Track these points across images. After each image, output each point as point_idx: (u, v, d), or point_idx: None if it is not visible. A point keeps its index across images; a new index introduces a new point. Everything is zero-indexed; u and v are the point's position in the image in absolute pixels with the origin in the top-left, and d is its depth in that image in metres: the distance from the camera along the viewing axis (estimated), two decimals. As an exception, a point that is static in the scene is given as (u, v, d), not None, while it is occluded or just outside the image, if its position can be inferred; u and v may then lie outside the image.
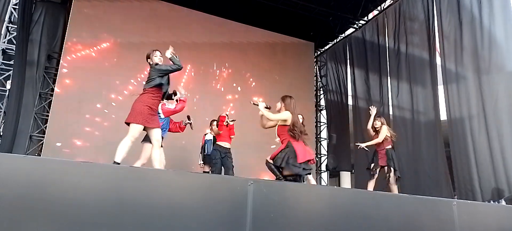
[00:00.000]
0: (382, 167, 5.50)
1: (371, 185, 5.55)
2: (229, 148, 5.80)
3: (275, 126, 3.97)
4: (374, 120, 5.70)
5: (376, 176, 5.53)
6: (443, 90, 6.81)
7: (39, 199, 1.98)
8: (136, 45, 8.07)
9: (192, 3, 8.87)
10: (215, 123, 5.92)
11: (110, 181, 2.19)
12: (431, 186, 6.64)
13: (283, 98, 4.02)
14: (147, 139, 4.49)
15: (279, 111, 3.99)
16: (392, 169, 5.36)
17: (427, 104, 7.09)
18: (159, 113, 4.57)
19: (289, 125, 3.82)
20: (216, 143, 5.76)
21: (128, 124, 3.70)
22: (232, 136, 5.88)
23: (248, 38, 9.45)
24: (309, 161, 3.77)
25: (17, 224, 1.91)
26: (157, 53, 3.98)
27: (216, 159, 5.61)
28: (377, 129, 5.60)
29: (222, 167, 5.68)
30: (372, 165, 5.58)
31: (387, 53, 8.27)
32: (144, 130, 3.83)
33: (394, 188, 5.47)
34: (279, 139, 3.93)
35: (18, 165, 2.05)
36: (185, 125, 5.21)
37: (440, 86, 6.93)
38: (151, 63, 3.96)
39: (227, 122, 5.86)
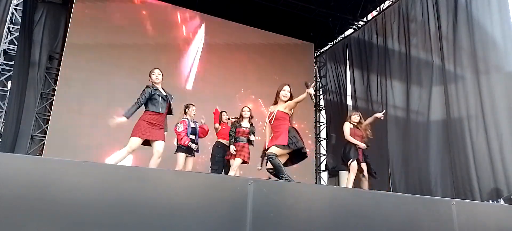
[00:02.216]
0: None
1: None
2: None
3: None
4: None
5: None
6: (442, 90, 6.83)
7: (40, 198, 1.99)
8: (137, 45, 8.11)
9: (192, 4, 8.89)
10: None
11: (110, 181, 2.20)
12: (430, 186, 6.65)
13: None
14: (179, 150, 5.09)
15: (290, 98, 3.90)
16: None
17: (426, 105, 7.10)
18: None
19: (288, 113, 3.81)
20: (218, 140, 5.64)
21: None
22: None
23: (248, 39, 9.47)
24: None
25: (18, 223, 1.92)
26: (155, 71, 4.25)
27: (219, 156, 5.50)
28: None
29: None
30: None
31: (386, 54, 8.29)
32: (149, 143, 4.09)
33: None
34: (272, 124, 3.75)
35: (19, 164, 2.07)
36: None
37: (439, 87, 6.95)
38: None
39: (228, 118, 5.77)
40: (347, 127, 5.46)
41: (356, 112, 5.63)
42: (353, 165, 5.23)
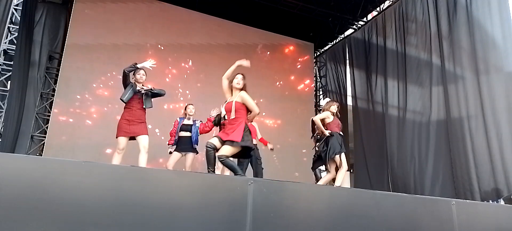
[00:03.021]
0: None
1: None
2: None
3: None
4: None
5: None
6: (442, 90, 6.83)
7: (40, 198, 1.99)
8: (136, 45, 8.10)
9: (192, 4, 8.89)
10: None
11: (110, 181, 2.20)
12: (430, 186, 6.65)
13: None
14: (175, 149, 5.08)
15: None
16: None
17: (426, 105, 7.11)
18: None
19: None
20: None
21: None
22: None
23: (248, 39, 9.47)
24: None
25: (18, 223, 1.92)
26: (140, 71, 4.38)
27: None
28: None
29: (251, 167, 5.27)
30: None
31: (386, 54, 8.29)
32: (134, 139, 4.21)
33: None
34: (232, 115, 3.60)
35: (19, 164, 2.06)
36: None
37: (439, 87, 6.95)
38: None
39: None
40: (324, 115, 5.00)
41: (335, 102, 5.25)
42: (343, 158, 4.79)
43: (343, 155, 4.81)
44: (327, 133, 4.84)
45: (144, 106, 4.29)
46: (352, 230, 2.73)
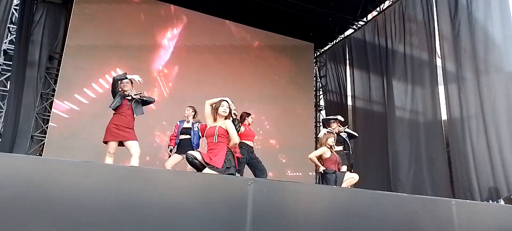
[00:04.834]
0: None
1: None
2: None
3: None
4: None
5: None
6: (442, 90, 6.83)
7: (40, 198, 1.99)
8: (136, 45, 8.11)
9: (192, 4, 8.90)
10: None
11: (110, 181, 2.19)
12: (430, 186, 6.66)
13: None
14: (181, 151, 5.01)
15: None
16: None
17: (426, 105, 7.12)
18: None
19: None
20: (241, 141, 5.13)
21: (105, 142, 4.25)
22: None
23: (248, 39, 9.47)
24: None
25: (18, 224, 1.92)
26: (124, 81, 4.41)
27: (243, 157, 5.07)
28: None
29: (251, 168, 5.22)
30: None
31: (386, 54, 8.29)
32: (122, 145, 4.25)
33: None
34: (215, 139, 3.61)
35: (19, 164, 2.06)
36: None
37: (439, 87, 6.96)
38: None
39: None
40: (320, 151, 4.90)
41: (332, 134, 5.09)
42: None
43: None
44: (320, 170, 4.83)
45: (134, 114, 4.31)
46: (352, 230, 2.72)
